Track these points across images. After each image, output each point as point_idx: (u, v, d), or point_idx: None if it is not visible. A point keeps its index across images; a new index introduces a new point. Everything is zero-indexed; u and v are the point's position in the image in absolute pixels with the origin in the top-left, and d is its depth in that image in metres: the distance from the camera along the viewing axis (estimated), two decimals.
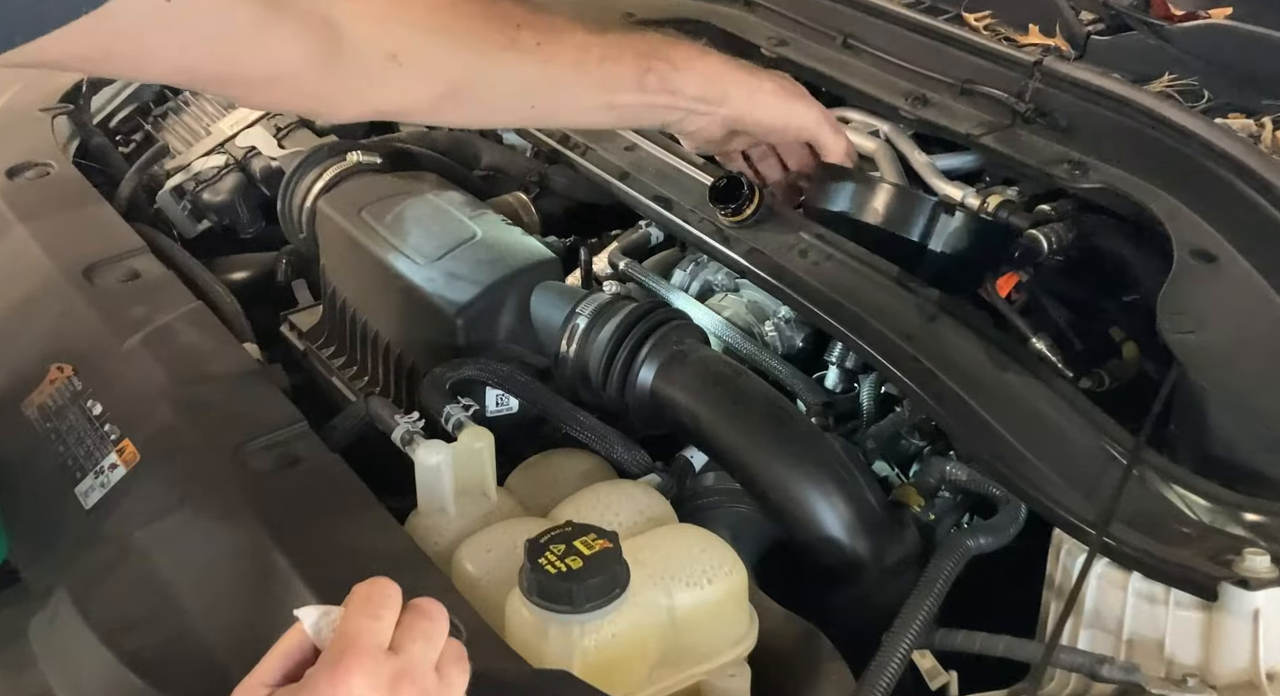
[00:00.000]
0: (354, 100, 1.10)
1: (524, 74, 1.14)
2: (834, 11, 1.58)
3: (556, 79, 1.16)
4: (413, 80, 1.10)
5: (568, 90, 1.18)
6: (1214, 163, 1.22)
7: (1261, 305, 1.13)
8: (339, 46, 1.03)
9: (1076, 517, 1.02)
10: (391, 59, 1.06)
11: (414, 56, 1.07)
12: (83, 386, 1.24)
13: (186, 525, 1.08)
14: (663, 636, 0.96)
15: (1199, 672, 0.95)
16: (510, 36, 1.12)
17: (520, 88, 1.16)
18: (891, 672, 0.95)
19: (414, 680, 0.74)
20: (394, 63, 1.06)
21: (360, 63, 1.05)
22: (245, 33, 0.97)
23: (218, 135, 1.75)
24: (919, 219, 1.25)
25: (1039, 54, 1.40)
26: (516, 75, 1.14)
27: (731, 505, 1.16)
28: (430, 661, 0.76)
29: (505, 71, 1.13)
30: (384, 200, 1.39)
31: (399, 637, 0.75)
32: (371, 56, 1.05)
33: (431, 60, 1.10)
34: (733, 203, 1.32)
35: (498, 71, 1.13)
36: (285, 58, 1.01)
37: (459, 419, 1.13)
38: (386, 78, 1.07)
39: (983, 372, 1.15)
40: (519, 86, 1.16)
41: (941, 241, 1.24)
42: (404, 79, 1.09)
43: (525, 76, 1.15)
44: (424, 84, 1.11)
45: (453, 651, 0.78)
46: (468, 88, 1.14)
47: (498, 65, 1.12)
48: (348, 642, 0.73)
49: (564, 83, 1.17)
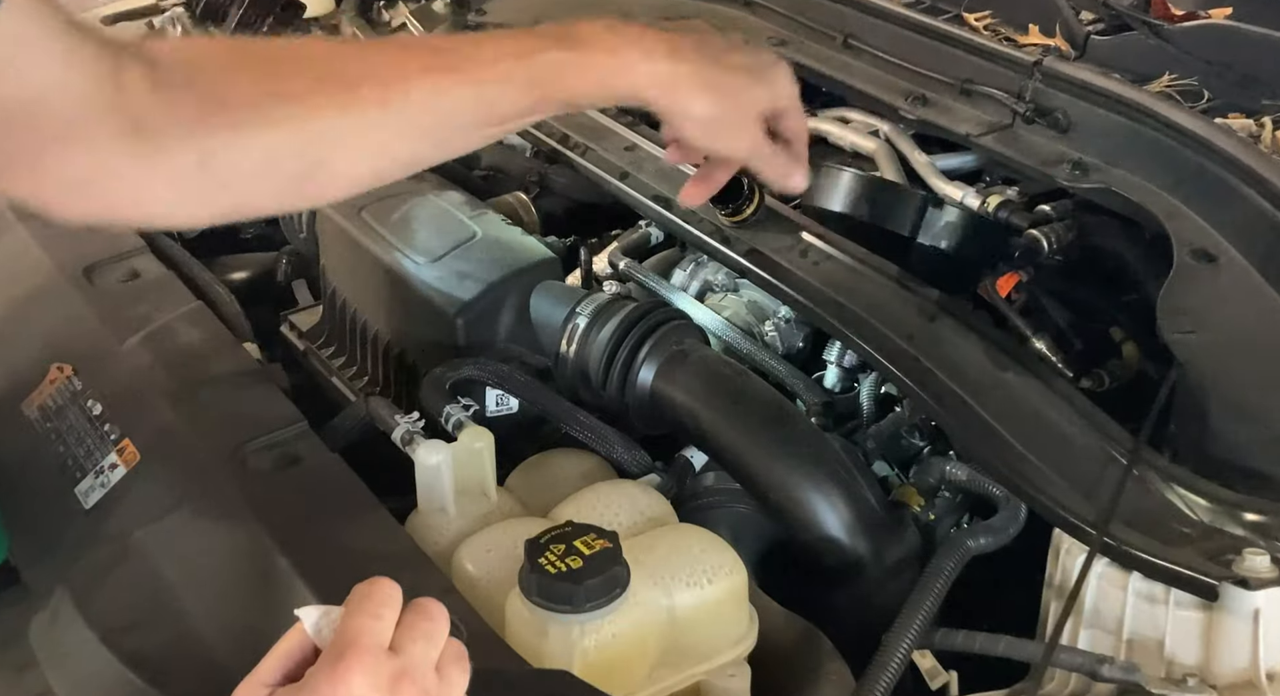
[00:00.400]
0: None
1: (378, 139, 0.95)
2: (834, 11, 1.58)
3: (424, 130, 0.97)
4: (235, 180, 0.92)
5: (441, 136, 0.98)
6: (1214, 163, 1.22)
7: (1261, 305, 1.13)
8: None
9: (1076, 517, 1.02)
10: (202, 167, 0.89)
11: (224, 160, 0.90)
12: (83, 386, 1.24)
13: (186, 525, 1.08)
14: (663, 636, 0.96)
15: (1199, 672, 0.95)
16: (347, 98, 0.93)
17: (380, 152, 0.97)
18: (891, 672, 0.95)
19: (414, 679, 0.73)
20: (204, 169, 0.89)
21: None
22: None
23: None
24: (907, 213, 1.25)
25: (1039, 54, 1.40)
26: (371, 139, 0.95)
27: (731, 505, 1.16)
28: (430, 661, 0.76)
29: (353, 138, 0.94)
30: (384, 200, 1.39)
31: (399, 637, 0.75)
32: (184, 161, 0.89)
33: (256, 153, 0.91)
34: (733, 203, 1.32)
35: (346, 147, 0.95)
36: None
37: (459, 419, 1.13)
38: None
39: (983, 372, 1.15)
40: (376, 149, 0.96)
41: (930, 235, 1.24)
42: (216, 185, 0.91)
43: (379, 141, 0.96)
44: (249, 182, 0.93)
45: (453, 651, 0.78)
46: (317, 171, 0.95)
47: (341, 133, 0.93)
48: (348, 642, 0.73)
49: (433, 131, 0.98)
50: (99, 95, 0.85)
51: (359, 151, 0.95)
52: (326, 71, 0.94)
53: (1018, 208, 1.32)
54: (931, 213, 1.25)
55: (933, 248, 1.24)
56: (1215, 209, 1.20)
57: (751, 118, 1.03)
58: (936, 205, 1.28)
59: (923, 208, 1.26)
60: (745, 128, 1.03)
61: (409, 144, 0.97)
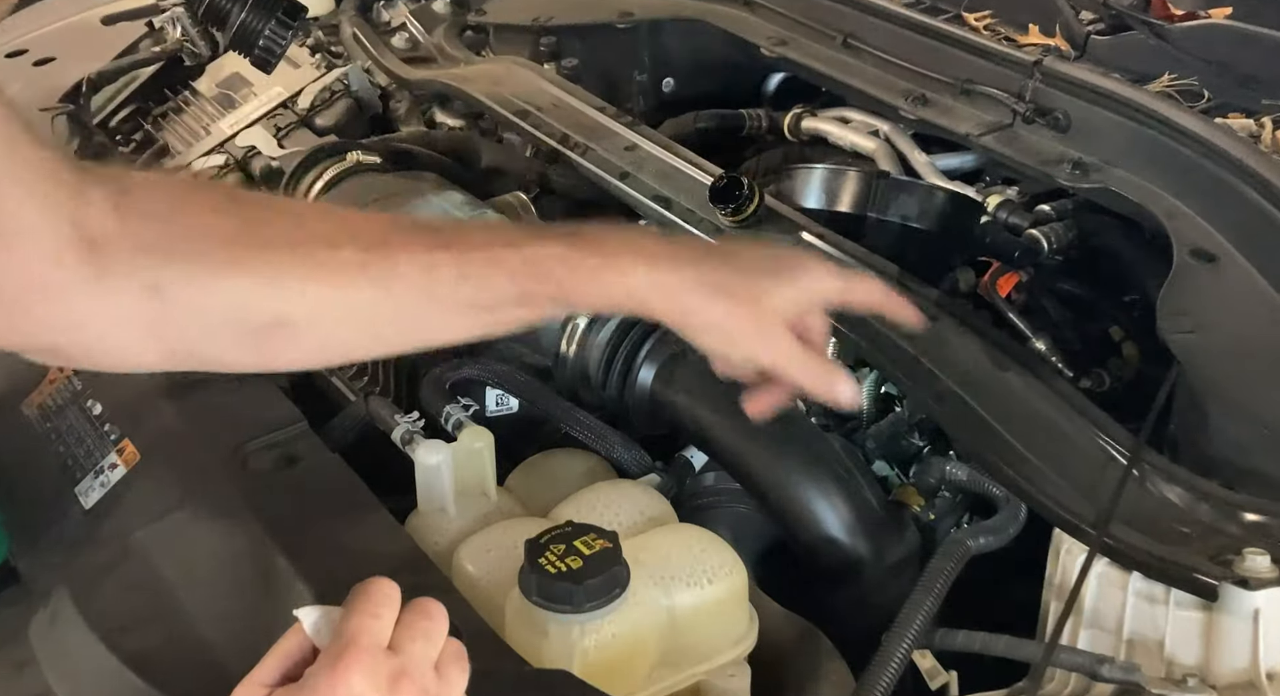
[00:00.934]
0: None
1: (353, 305, 0.88)
2: (834, 11, 1.58)
3: (404, 302, 0.89)
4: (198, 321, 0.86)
5: (421, 312, 0.90)
6: (1214, 163, 1.22)
7: (1261, 305, 1.13)
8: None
9: (1076, 517, 1.01)
10: (155, 296, 0.83)
11: (181, 295, 0.84)
12: (83, 386, 1.24)
13: (186, 525, 1.08)
14: (663, 636, 0.96)
15: (1199, 672, 0.95)
16: (327, 256, 0.86)
17: (353, 320, 0.89)
18: (891, 672, 0.95)
19: (413, 678, 0.73)
20: (158, 299, 0.83)
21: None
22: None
23: (218, 135, 1.76)
24: (847, 190, 1.26)
25: (1039, 54, 1.40)
26: (346, 304, 0.88)
27: (731, 505, 1.16)
28: (430, 659, 0.76)
29: (326, 301, 0.87)
30: (384, 200, 1.39)
31: (398, 636, 0.75)
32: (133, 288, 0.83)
33: (218, 296, 0.85)
34: (732, 202, 1.32)
35: (318, 308, 0.88)
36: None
37: (459, 419, 1.13)
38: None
39: (983, 372, 1.15)
40: (349, 316, 0.89)
41: (884, 210, 1.25)
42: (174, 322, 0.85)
43: (354, 308, 0.88)
44: (205, 326, 0.86)
45: (452, 650, 0.78)
46: (280, 329, 0.88)
47: (315, 293, 0.87)
48: (347, 642, 0.73)
49: (413, 304, 0.89)
50: (57, 209, 0.79)
51: (331, 316, 0.88)
52: (309, 226, 0.88)
53: (1018, 208, 1.32)
54: (885, 189, 1.26)
55: (890, 222, 1.25)
56: (1215, 209, 1.20)
57: (773, 322, 0.93)
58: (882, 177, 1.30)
59: (868, 184, 1.28)
60: (767, 334, 0.93)
61: (387, 315, 0.89)
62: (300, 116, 1.76)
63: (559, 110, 1.58)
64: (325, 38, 1.94)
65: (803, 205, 1.37)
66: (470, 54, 1.79)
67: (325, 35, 1.94)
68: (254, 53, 1.53)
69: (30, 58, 1.92)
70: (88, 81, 1.86)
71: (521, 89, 1.63)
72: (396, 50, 1.84)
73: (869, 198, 1.31)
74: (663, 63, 1.77)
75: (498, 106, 1.60)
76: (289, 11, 1.52)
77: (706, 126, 1.66)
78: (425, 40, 1.86)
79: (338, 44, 1.92)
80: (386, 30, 1.91)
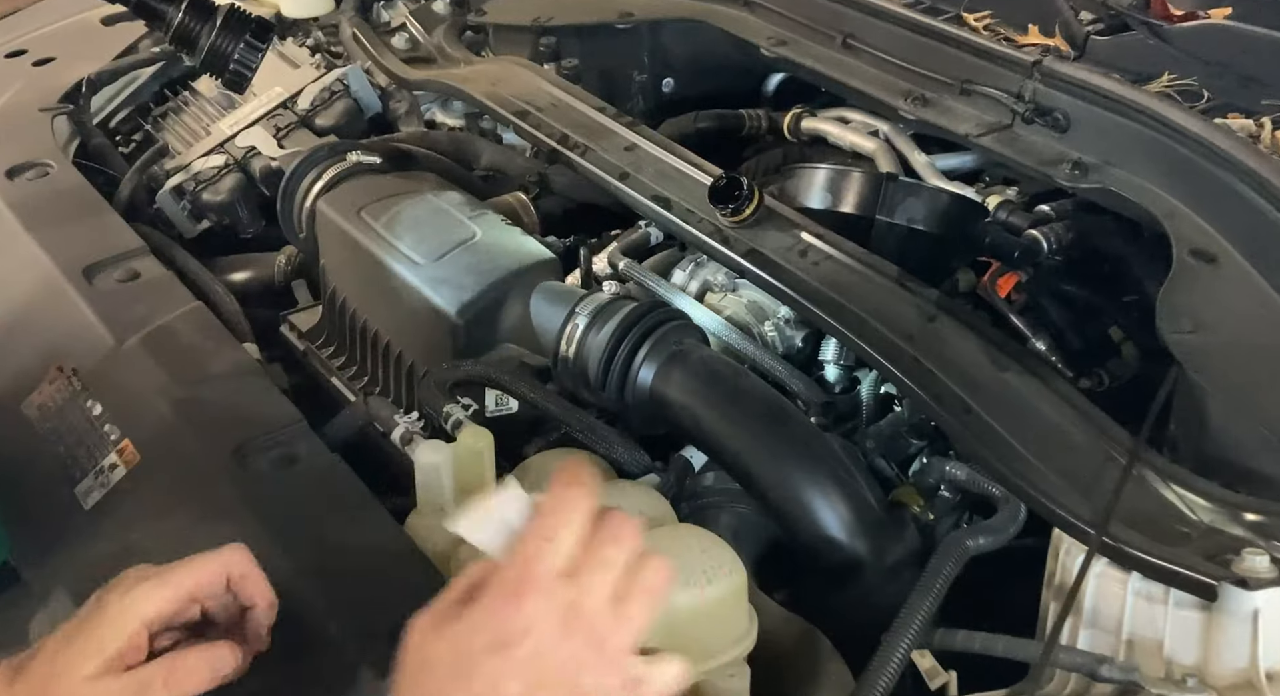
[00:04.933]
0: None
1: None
2: (834, 11, 1.58)
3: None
4: None
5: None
6: (1214, 163, 1.22)
7: (1261, 305, 1.13)
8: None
9: (1076, 517, 1.02)
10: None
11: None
12: (83, 386, 1.24)
13: (186, 525, 1.08)
14: (662, 636, 0.96)
15: (1198, 672, 0.95)
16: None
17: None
18: (891, 672, 0.95)
19: (583, 616, 0.70)
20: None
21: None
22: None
23: (218, 135, 1.75)
24: (853, 191, 1.26)
25: (1038, 54, 1.40)
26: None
27: (731, 505, 1.16)
28: (604, 594, 0.72)
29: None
30: (383, 200, 1.39)
31: (580, 562, 0.72)
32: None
33: None
34: (732, 203, 1.32)
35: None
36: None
37: (459, 419, 1.13)
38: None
39: (983, 373, 1.15)
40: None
41: (891, 212, 1.25)
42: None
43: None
44: None
45: (642, 578, 0.73)
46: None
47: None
48: (523, 567, 0.71)
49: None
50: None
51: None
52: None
53: (1017, 208, 1.32)
54: (893, 191, 1.27)
55: (897, 225, 1.25)
56: (1215, 209, 1.20)
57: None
58: (891, 179, 1.30)
59: (877, 186, 1.27)
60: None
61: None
62: (300, 117, 1.76)
63: (558, 110, 1.58)
64: (325, 38, 1.94)
65: (806, 205, 1.37)
66: (470, 54, 1.80)
67: (325, 35, 1.94)
68: (225, 75, 1.53)
69: (30, 58, 1.92)
70: (88, 81, 1.86)
71: (521, 89, 1.63)
72: (396, 50, 1.84)
73: (876, 199, 1.31)
74: (662, 63, 1.77)
75: (497, 106, 1.60)
76: (256, 33, 1.51)
77: (706, 127, 1.67)
78: (425, 40, 1.86)
79: (338, 44, 1.92)
80: (386, 30, 1.91)
